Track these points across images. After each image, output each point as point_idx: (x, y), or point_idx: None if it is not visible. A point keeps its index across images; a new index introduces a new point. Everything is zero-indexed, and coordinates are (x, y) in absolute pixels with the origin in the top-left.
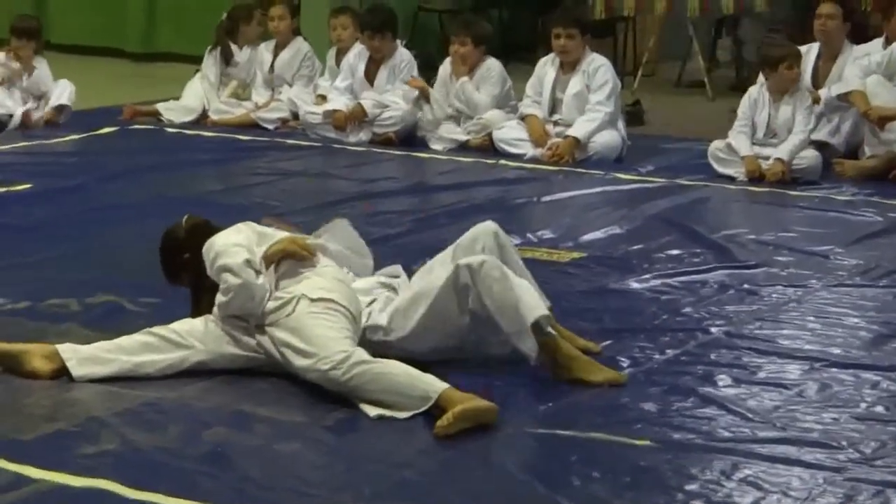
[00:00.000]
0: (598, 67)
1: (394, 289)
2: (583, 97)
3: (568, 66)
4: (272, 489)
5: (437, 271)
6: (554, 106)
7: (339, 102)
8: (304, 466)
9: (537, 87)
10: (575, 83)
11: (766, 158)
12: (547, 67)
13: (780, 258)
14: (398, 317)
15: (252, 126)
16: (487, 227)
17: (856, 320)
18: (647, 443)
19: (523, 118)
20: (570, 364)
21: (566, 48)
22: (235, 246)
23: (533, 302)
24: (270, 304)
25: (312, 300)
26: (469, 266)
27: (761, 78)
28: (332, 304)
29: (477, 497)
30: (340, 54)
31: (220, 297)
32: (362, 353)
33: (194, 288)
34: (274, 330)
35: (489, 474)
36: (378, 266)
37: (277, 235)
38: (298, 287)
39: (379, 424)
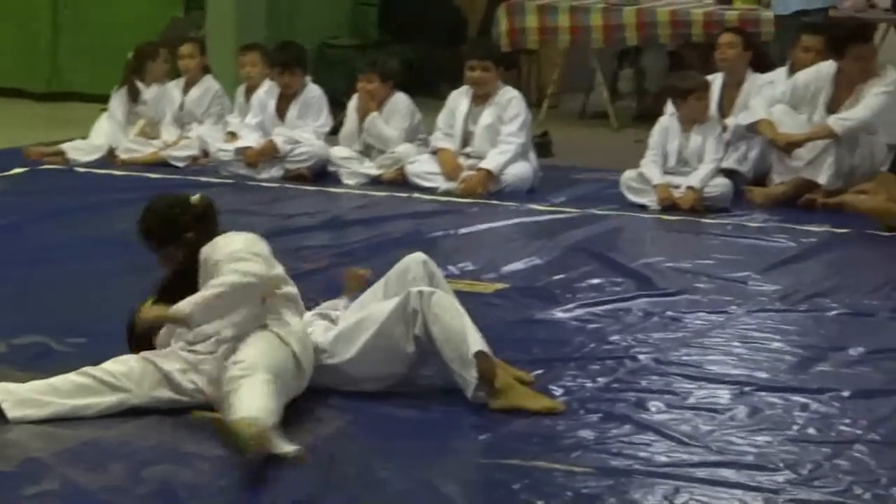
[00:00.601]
0: (510, 99)
1: (331, 319)
2: (495, 129)
3: (480, 99)
4: None
5: (372, 304)
6: (466, 138)
7: (251, 139)
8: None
9: (449, 119)
10: (487, 115)
11: (678, 187)
12: (459, 100)
13: (699, 285)
14: (342, 340)
15: (162, 164)
16: (417, 257)
17: (779, 344)
18: (588, 470)
19: (435, 152)
20: (508, 392)
21: (480, 80)
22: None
23: (477, 334)
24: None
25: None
26: (421, 292)
27: (670, 108)
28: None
29: None
30: (250, 91)
31: (218, 288)
32: None
33: (175, 271)
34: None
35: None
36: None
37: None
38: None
39: None
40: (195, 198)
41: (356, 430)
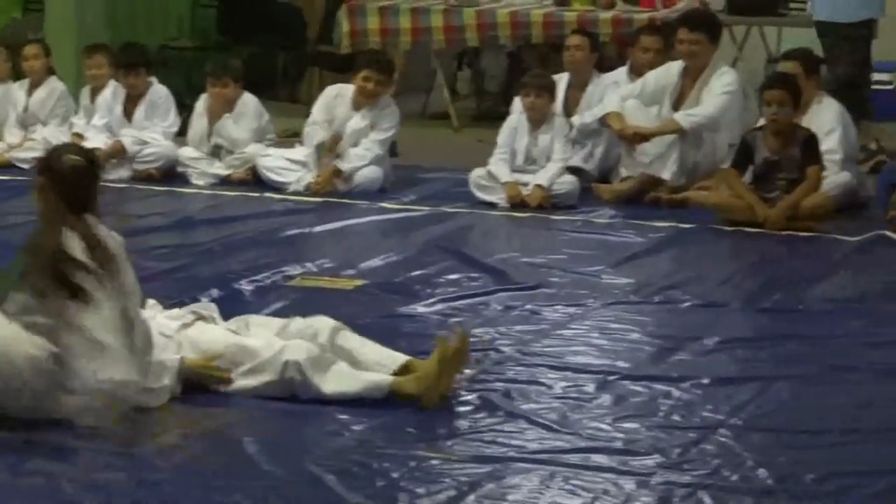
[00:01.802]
0: (386, 108)
1: (202, 318)
2: (364, 134)
3: (360, 104)
4: None
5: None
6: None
7: (98, 140)
8: None
9: (327, 117)
10: (359, 118)
11: (526, 185)
12: (337, 101)
13: (554, 279)
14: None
15: (6, 166)
16: (328, 321)
17: (637, 335)
18: (465, 458)
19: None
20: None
21: (373, 93)
22: None
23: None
24: None
25: None
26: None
27: (518, 106)
28: None
29: None
30: (95, 92)
31: None
32: None
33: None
34: None
35: (314, 492)
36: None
37: None
38: None
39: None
40: (72, 157)
41: (240, 423)
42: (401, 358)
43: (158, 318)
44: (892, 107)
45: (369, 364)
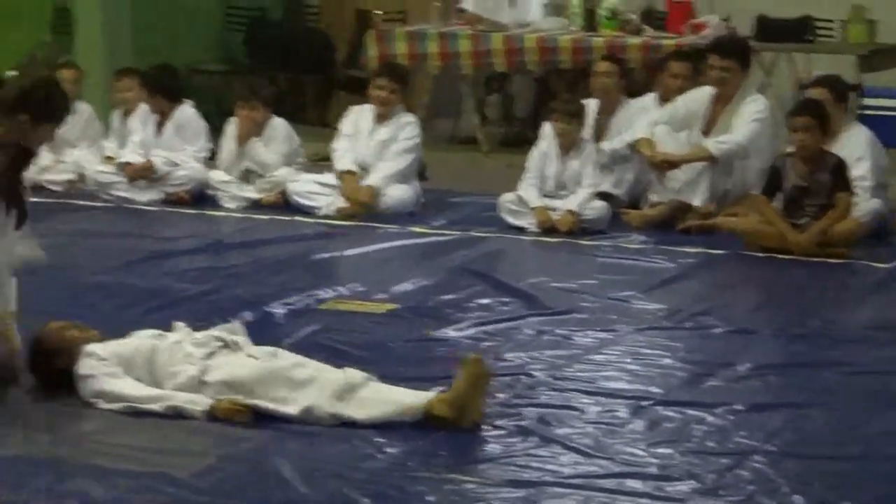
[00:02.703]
0: (406, 123)
1: (227, 345)
2: (389, 146)
3: (381, 117)
4: None
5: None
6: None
7: (132, 157)
8: None
9: (352, 132)
10: (383, 131)
11: (556, 210)
12: (361, 116)
13: (585, 304)
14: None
15: (38, 188)
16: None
17: (669, 361)
18: (500, 482)
19: (340, 175)
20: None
21: (386, 100)
22: None
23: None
24: None
25: None
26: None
27: (546, 132)
28: None
29: None
30: (126, 115)
31: None
32: None
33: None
34: None
35: None
36: None
37: None
38: None
39: None
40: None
41: (275, 446)
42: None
43: (185, 346)
44: None
45: None
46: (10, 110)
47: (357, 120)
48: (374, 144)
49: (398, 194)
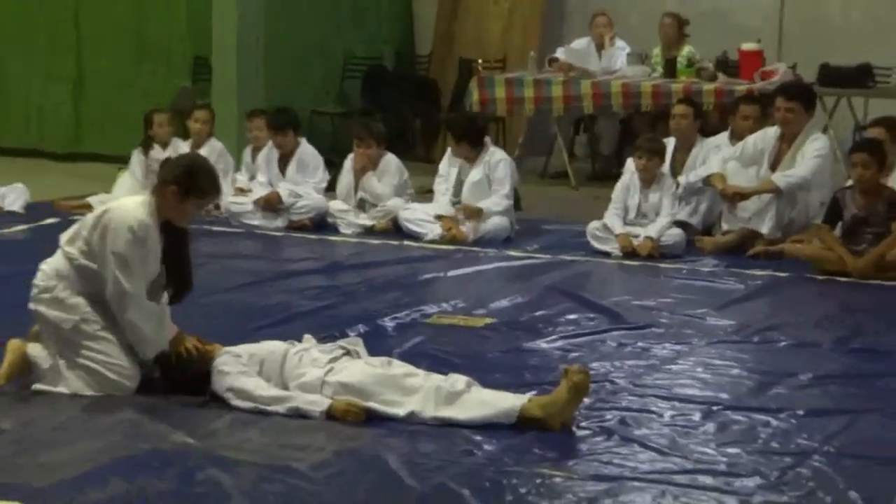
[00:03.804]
0: (498, 161)
1: (348, 353)
2: (483, 185)
3: (470, 160)
4: None
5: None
6: (459, 191)
7: (260, 191)
8: None
9: (447, 178)
10: (476, 173)
11: (637, 236)
12: (449, 160)
13: (663, 320)
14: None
15: None
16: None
17: (738, 371)
18: (585, 477)
19: (439, 217)
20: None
21: (458, 153)
22: None
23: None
24: None
25: None
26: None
27: (629, 167)
28: None
29: None
30: (255, 151)
31: None
32: None
33: None
34: None
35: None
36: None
37: None
38: None
39: None
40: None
41: (384, 442)
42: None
43: (312, 352)
44: None
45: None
46: (161, 183)
47: (453, 163)
48: (470, 184)
49: (496, 222)
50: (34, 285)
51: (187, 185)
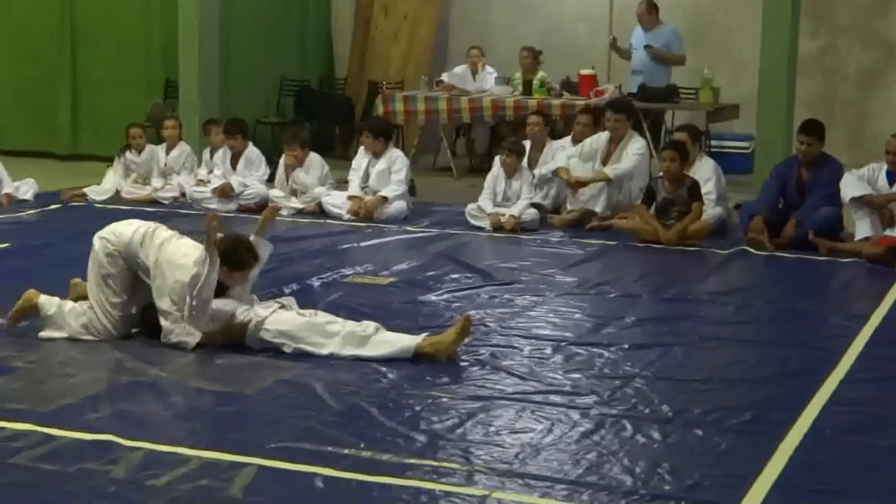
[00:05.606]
0: (396, 157)
1: (283, 307)
2: (384, 174)
3: (377, 155)
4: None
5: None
6: (367, 178)
7: (215, 183)
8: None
9: (358, 169)
10: (380, 164)
11: (503, 215)
12: (362, 155)
13: (523, 278)
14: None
15: (152, 202)
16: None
17: (579, 315)
18: (464, 397)
19: (350, 198)
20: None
21: (372, 147)
22: None
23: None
24: None
25: None
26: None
27: (497, 162)
28: None
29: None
30: (213, 151)
31: None
32: None
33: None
34: None
35: (362, 419)
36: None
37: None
38: None
39: None
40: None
41: (311, 373)
42: (418, 338)
43: (255, 309)
44: (747, 164)
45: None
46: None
47: (362, 156)
48: (374, 173)
49: (397, 206)
50: (114, 233)
51: (233, 263)
